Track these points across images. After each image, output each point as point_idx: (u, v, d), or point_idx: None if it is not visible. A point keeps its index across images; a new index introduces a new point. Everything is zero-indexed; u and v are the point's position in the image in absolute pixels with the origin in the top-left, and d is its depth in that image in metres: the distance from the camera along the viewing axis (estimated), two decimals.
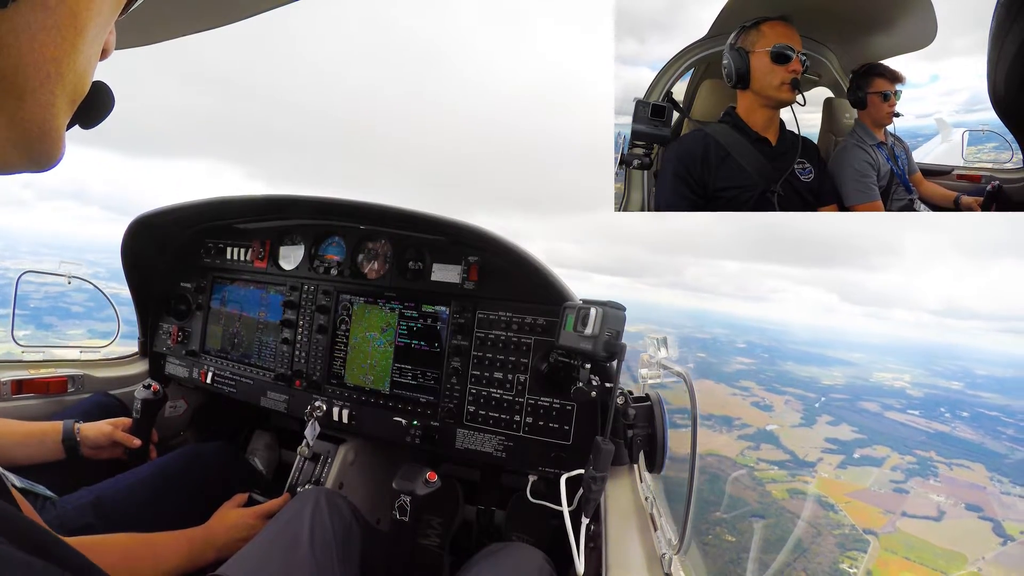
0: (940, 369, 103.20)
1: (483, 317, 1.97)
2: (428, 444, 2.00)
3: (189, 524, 1.72)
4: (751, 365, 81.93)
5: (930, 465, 46.77)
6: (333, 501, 1.53)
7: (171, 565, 1.55)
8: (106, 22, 0.52)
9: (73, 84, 0.50)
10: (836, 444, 49.14)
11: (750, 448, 45.07)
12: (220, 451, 2.21)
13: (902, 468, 45.34)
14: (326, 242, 2.34)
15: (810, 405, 61.13)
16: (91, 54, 0.51)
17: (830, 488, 39.65)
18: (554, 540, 1.96)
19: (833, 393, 70.43)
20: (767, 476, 40.63)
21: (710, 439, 45.90)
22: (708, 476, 34.41)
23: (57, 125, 0.51)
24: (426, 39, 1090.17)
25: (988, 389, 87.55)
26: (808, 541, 31.00)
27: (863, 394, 70.82)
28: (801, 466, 43.54)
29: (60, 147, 0.54)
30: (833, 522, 34.39)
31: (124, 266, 2.50)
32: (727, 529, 21.65)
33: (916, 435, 55.40)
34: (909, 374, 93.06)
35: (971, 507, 39.35)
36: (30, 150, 0.51)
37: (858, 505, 36.91)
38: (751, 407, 57.36)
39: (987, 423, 61.38)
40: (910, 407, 66.34)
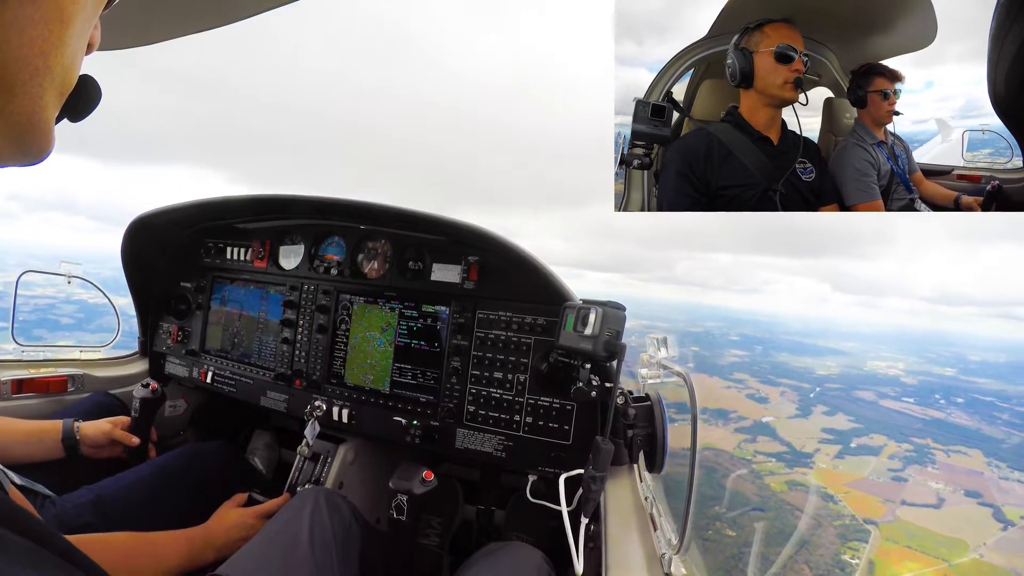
0: (933, 356, 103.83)
1: (483, 317, 1.97)
2: (428, 444, 2.01)
3: (189, 524, 1.73)
4: (745, 357, 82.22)
5: (927, 452, 47.02)
6: (333, 501, 1.54)
7: (171, 564, 1.55)
8: (91, 16, 0.54)
9: (61, 77, 0.52)
10: (833, 434, 49.34)
11: (747, 441, 45.20)
12: (220, 451, 2.21)
13: (899, 456, 45.57)
14: (326, 242, 2.34)
15: (805, 396, 61.34)
16: (77, 47, 0.53)
17: (829, 479, 39.81)
18: (554, 540, 1.98)
19: (828, 383, 70.73)
20: (765, 469, 40.74)
21: (706, 433, 45.63)
22: (705, 470, 34.54)
23: (46, 117, 0.53)
24: (394, 23, 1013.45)
25: (982, 375, 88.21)
26: (809, 533, 31.10)
27: (858, 383, 71.19)
28: (799, 457, 43.71)
29: (50, 139, 0.55)
30: (833, 513, 34.47)
31: (124, 266, 2.50)
32: (727, 524, 21.68)
33: (912, 423, 55.71)
34: (903, 362, 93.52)
35: (970, 493, 39.58)
36: (21, 142, 0.52)
37: (857, 495, 37.05)
38: (746, 399, 57.53)
39: (983, 409, 61.79)
40: (905, 395, 66.75)
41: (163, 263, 2.62)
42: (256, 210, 2.42)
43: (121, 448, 2.04)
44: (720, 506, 23.26)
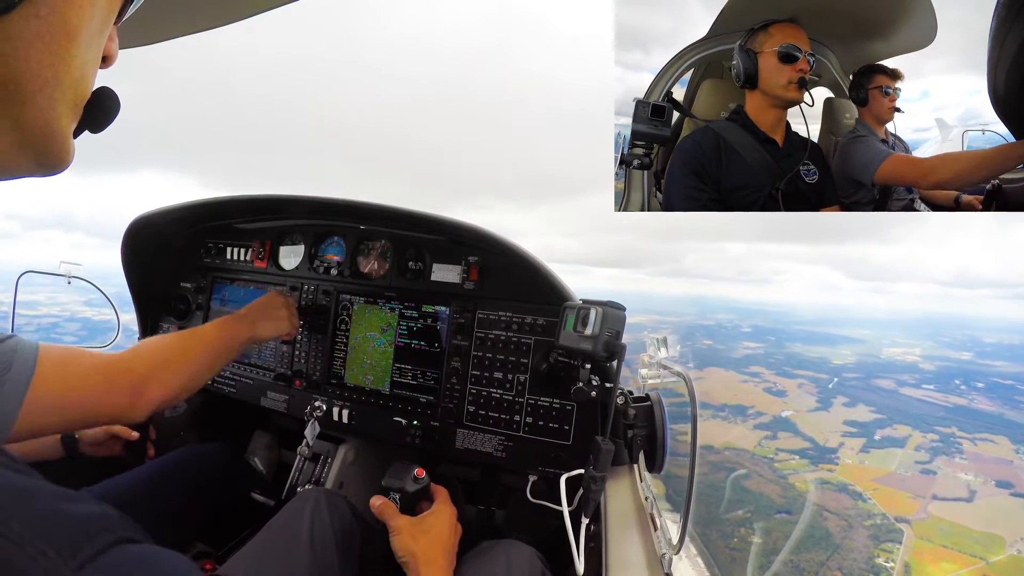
0: (948, 340, 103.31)
1: (483, 317, 2.01)
2: (428, 444, 2.05)
3: (189, 524, 1.77)
4: (758, 349, 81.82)
5: (953, 442, 46.68)
6: (333, 501, 1.56)
7: (209, 337, 1.65)
8: (99, 29, 0.57)
9: (72, 88, 0.55)
10: (856, 427, 48.97)
11: (767, 438, 44.90)
12: (220, 451, 2.25)
13: (925, 447, 45.25)
14: (326, 242, 2.39)
15: (824, 387, 61.00)
16: (86, 59, 0.56)
17: (855, 474, 39.39)
18: (554, 540, 2.03)
19: (845, 372, 70.36)
20: (788, 467, 40.29)
21: (725, 431, 45.74)
22: (726, 472, 34.01)
23: (60, 127, 0.56)
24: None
25: (998, 357, 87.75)
26: (840, 536, 30.66)
27: (876, 371, 70.89)
28: (823, 453, 43.36)
29: (68, 149, 0.59)
30: (863, 512, 34.08)
31: (124, 266, 2.55)
32: (752, 530, 21.25)
33: (934, 411, 55.42)
34: (919, 347, 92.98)
35: (1001, 484, 39.28)
36: (38, 152, 0.56)
37: (886, 491, 36.72)
38: (763, 393, 57.24)
39: (1003, 393, 61.44)
40: (924, 381, 66.46)
41: (163, 263, 2.67)
42: (256, 210, 2.47)
43: (120, 446, 2.07)
44: (744, 510, 22.92)
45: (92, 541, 0.47)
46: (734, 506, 18.21)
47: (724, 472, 34.44)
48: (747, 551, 18.97)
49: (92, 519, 0.50)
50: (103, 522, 0.51)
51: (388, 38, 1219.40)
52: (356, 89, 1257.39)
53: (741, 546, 19.00)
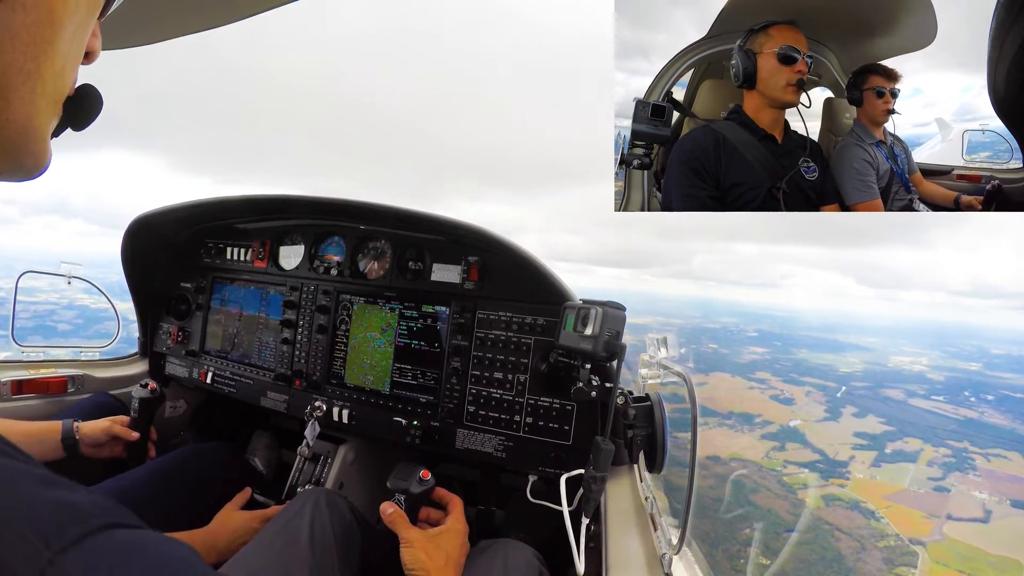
0: (955, 350, 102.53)
1: (483, 317, 2.04)
2: (428, 444, 2.08)
3: (189, 524, 1.79)
4: (765, 355, 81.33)
5: (966, 458, 45.98)
6: (333, 501, 1.58)
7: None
8: (84, 22, 0.56)
9: (53, 83, 0.54)
10: (866, 439, 48.30)
11: (775, 449, 44.19)
12: (220, 451, 2.28)
13: (938, 463, 44.53)
14: (326, 242, 2.42)
15: (832, 395, 60.43)
16: (69, 53, 0.55)
17: (867, 491, 38.56)
18: (554, 540, 2.05)
19: (853, 381, 69.72)
20: (797, 481, 39.50)
21: (732, 440, 45.21)
22: (733, 486, 33.30)
23: (38, 124, 0.54)
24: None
25: (1007, 369, 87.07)
26: (852, 558, 30.14)
27: (884, 381, 70.28)
28: (833, 466, 42.73)
29: (45, 149, 0.57)
30: (876, 532, 33.29)
31: (124, 266, 2.59)
32: (760, 550, 20.84)
33: (946, 423, 54.78)
34: (926, 357, 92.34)
35: (1017, 504, 38.42)
36: (16, 153, 0.54)
37: (899, 509, 35.87)
38: (771, 401, 56.71)
39: (1015, 406, 60.69)
40: (933, 392, 65.76)
41: (163, 263, 2.72)
42: (256, 210, 2.51)
43: (121, 447, 2.10)
44: (751, 528, 22.54)
45: (77, 525, 0.47)
46: (733, 509, 17.96)
47: (732, 486, 33.93)
48: (755, 574, 18.77)
49: (78, 504, 0.49)
50: (90, 508, 0.50)
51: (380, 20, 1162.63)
52: (327, 62, 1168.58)
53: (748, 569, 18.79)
